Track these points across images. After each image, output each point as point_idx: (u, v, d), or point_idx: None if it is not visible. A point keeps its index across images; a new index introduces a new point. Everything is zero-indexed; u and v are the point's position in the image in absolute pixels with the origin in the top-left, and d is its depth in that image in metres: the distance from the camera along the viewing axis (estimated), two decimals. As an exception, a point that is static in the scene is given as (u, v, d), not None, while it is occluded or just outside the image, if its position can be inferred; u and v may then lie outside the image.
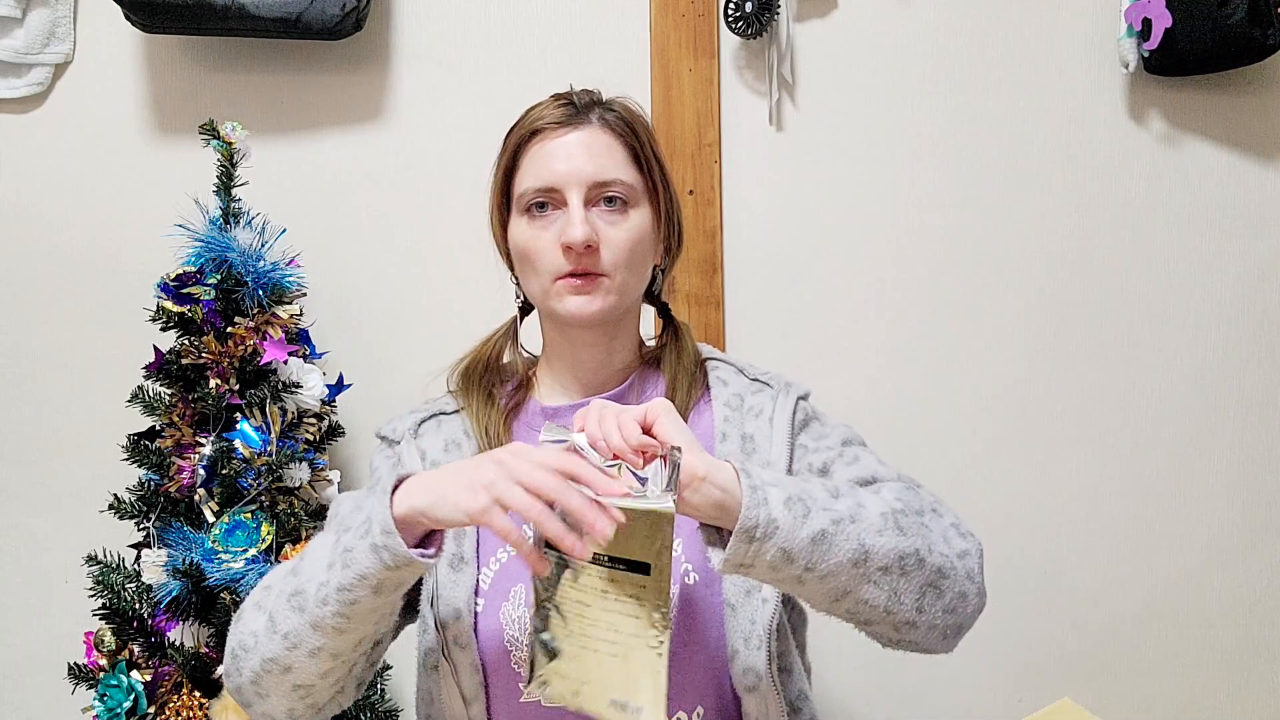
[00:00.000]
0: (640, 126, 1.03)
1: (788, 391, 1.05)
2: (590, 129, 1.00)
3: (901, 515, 0.88)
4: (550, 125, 1.00)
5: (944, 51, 1.64)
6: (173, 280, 1.42)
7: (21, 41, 1.60)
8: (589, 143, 1.00)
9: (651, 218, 1.03)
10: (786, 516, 0.82)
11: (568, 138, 1.00)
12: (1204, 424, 1.69)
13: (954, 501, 1.65)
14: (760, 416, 1.03)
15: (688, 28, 1.62)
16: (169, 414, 1.41)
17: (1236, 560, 1.69)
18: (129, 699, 1.36)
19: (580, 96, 1.03)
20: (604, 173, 0.99)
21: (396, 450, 1.06)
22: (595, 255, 0.98)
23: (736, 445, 1.01)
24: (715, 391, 1.06)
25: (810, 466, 1.01)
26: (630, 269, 1.00)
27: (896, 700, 1.68)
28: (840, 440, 1.04)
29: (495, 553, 1.00)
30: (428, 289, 1.64)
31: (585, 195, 0.98)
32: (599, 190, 0.99)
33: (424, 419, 1.08)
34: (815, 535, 0.82)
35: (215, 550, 1.36)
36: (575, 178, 0.98)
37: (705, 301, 1.63)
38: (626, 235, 0.99)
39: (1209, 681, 1.70)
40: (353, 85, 1.64)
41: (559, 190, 0.98)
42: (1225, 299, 1.68)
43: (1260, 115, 1.66)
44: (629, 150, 1.02)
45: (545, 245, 0.99)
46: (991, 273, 1.66)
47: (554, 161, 0.99)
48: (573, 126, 1.00)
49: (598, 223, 0.98)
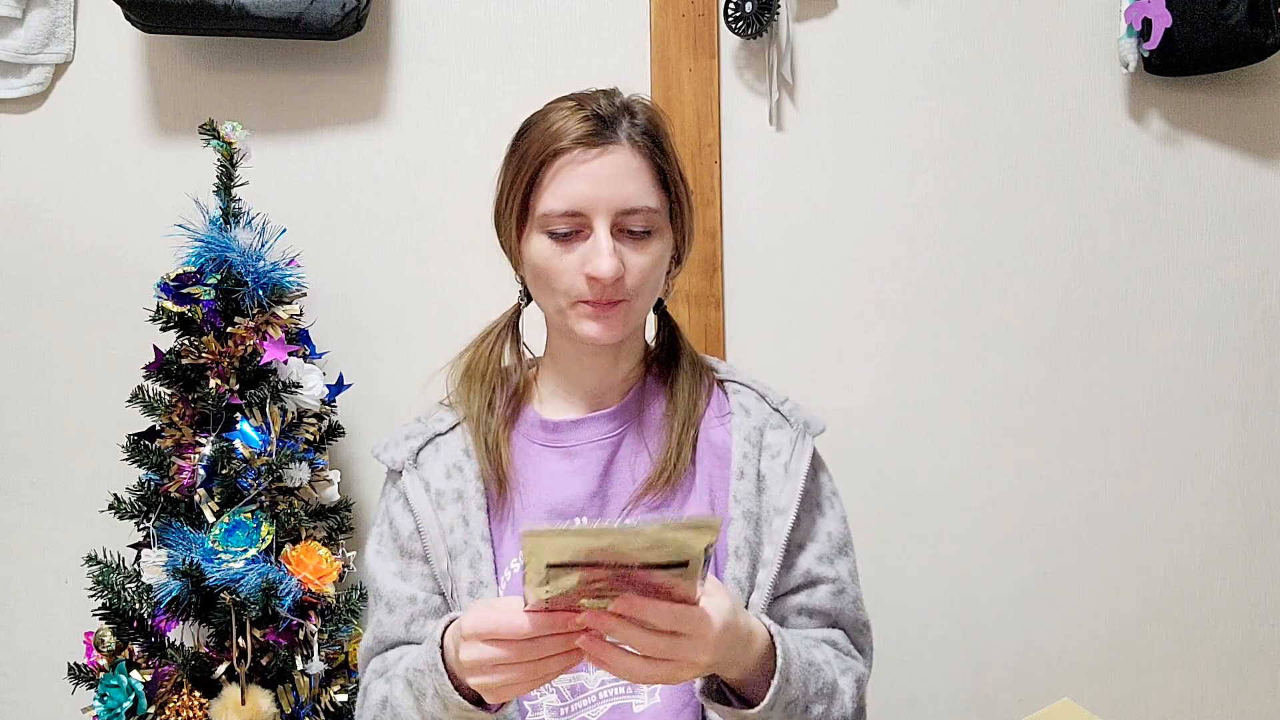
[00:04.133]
0: (665, 139, 1.00)
1: (805, 435, 1.04)
2: (619, 151, 0.96)
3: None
4: (577, 144, 0.95)
5: (944, 51, 1.64)
6: (173, 280, 1.42)
7: (21, 41, 1.60)
8: (618, 166, 0.95)
9: (671, 236, 1.02)
10: (779, 715, 0.88)
11: (596, 162, 0.95)
12: (1204, 424, 1.69)
13: (954, 501, 1.67)
14: (776, 459, 1.02)
15: (688, 28, 1.62)
16: (169, 414, 1.41)
17: (1236, 560, 1.69)
18: (129, 699, 1.36)
19: (606, 108, 0.97)
20: (632, 201, 0.96)
21: (401, 486, 1.05)
22: (620, 284, 0.96)
23: (752, 485, 1.01)
24: (737, 421, 1.04)
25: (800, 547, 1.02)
26: (649, 292, 1.00)
27: (896, 700, 1.68)
28: (838, 545, 1.05)
29: (503, 571, 1.01)
30: (428, 289, 1.64)
31: (612, 222, 0.95)
32: (625, 218, 0.96)
33: (421, 446, 1.06)
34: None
35: (215, 550, 1.36)
36: (604, 205, 0.95)
37: (705, 301, 1.63)
38: (650, 261, 0.97)
39: (1209, 681, 1.70)
40: (353, 85, 1.64)
41: (585, 216, 0.95)
42: (1225, 299, 1.68)
43: (1260, 115, 1.66)
44: (656, 172, 0.98)
45: (567, 268, 0.96)
46: (991, 273, 1.66)
47: (581, 185, 0.95)
48: (601, 147, 0.95)
49: (623, 250, 0.96)
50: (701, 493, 1.01)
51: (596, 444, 1.03)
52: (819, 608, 1.02)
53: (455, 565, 1.00)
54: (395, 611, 1.02)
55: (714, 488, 1.02)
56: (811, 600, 1.02)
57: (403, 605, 1.02)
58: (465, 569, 1.00)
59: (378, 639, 1.04)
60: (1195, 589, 1.70)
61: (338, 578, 1.42)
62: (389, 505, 1.07)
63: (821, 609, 1.02)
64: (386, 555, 1.06)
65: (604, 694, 0.99)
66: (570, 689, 0.98)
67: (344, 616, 1.44)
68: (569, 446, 1.03)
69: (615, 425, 1.04)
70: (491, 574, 1.00)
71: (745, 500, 1.00)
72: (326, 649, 1.41)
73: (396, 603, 1.02)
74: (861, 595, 1.06)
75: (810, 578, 1.02)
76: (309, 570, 1.39)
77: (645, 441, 1.03)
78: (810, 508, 1.03)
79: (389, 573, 1.04)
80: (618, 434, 1.03)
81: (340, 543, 1.49)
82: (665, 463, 1.00)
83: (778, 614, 1.01)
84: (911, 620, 1.66)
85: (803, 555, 1.02)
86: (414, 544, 1.03)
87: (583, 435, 1.03)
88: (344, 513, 1.51)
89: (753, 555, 0.99)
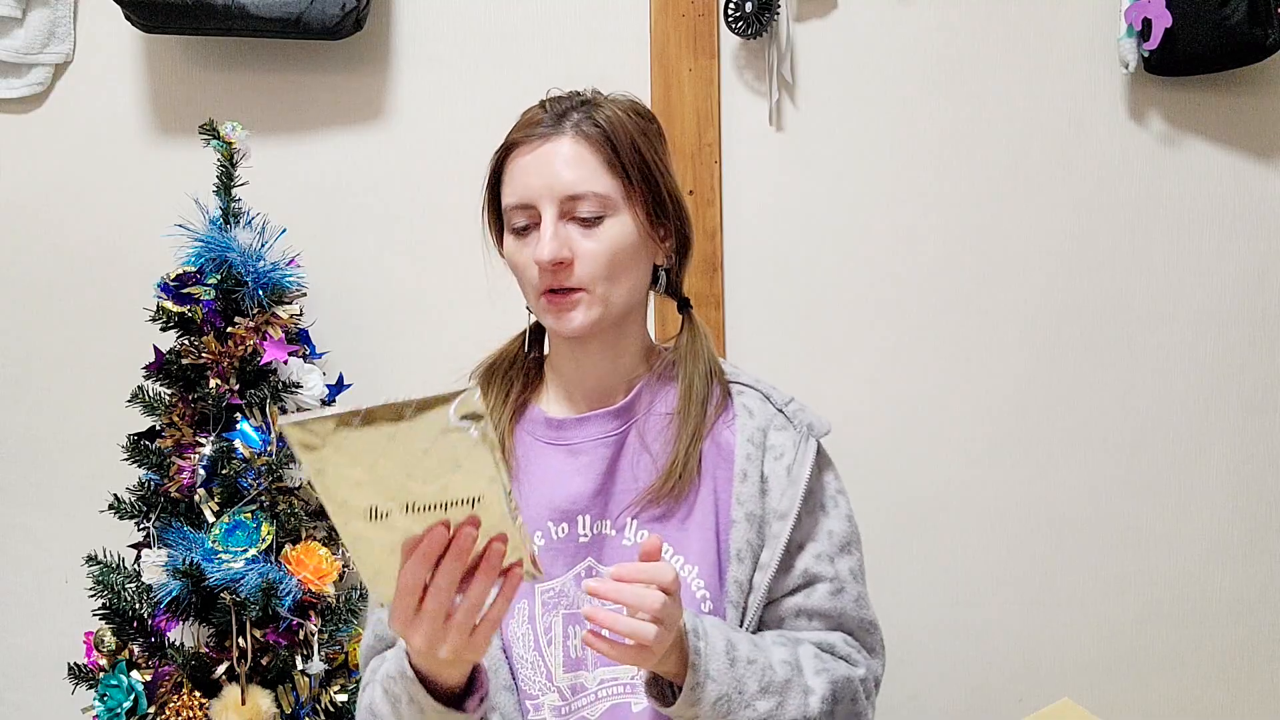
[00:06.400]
0: (620, 128, 0.99)
1: (809, 437, 1.03)
2: (561, 140, 0.97)
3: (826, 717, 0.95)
4: (526, 138, 0.98)
5: (944, 51, 1.64)
6: (173, 280, 1.42)
7: (21, 41, 1.60)
8: (560, 154, 0.97)
9: (636, 221, 0.99)
10: (708, 712, 0.89)
11: (540, 150, 0.97)
12: (1204, 424, 1.68)
13: (954, 501, 1.67)
14: (780, 460, 1.02)
15: (688, 28, 1.62)
16: (169, 414, 1.42)
17: (1236, 560, 1.69)
18: (129, 699, 1.36)
19: (555, 105, 1.00)
20: (576, 185, 0.96)
21: None
22: (569, 270, 0.96)
23: (755, 487, 1.00)
24: (741, 422, 1.03)
25: (799, 548, 1.01)
26: (611, 280, 0.98)
27: (896, 700, 1.68)
28: (840, 544, 1.04)
29: None
30: (428, 289, 1.64)
31: (559, 210, 0.96)
32: (571, 204, 0.97)
33: None
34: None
35: (215, 550, 1.36)
36: (547, 192, 0.96)
37: (705, 301, 1.63)
38: (602, 247, 0.97)
39: (1209, 681, 1.70)
40: (353, 85, 1.64)
41: (534, 206, 0.97)
42: (1225, 299, 1.68)
43: (1260, 115, 1.66)
44: (603, 157, 0.97)
45: (527, 261, 0.98)
46: (991, 272, 1.66)
47: (528, 176, 0.97)
48: (545, 138, 0.98)
49: (573, 236, 0.97)
50: (706, 497, 1.01)
51: (599, 442, 1.02)
52: (818, 608, 1.01)
53: None
54: None
55: (719, 490, 1.01)
56: (809, 601, 1.01)
57: None
58: None
59: (378, 637, 1.04)
60: (1195, 589, 1.69)
61: (338, 578, 1.42)
62: None
63: (820, 610, 1.01)
64: None
65: (602, 693, 0.99)
66: (570, 689, 0.98)
67: (344, 616, 1.44)
68: (572, 444, 1.03)
69: (619, 423, 1.03)
70: None
71: (748, 502, 0.99)
72: (326, 649, 1.41)
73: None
74: (866, 594, 1.05)
75: (808, 577, 1.01)
76: (309, 570, 1.39)
77: (647, 441, 1.03)
78: (813, 508, 1.03)
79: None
80: (621, 432, 1.03)
81: (340, 543, 1.49)
82: (670, 473, 1.00)
83: (776, 616, 1.01)
84: (912, 620, 1.66)
85: (801, 555, 1.01)
86: None
87: (585, 433, 1.03)
88: (344, 513, 1.51)
89: (754, 558, 0.99)
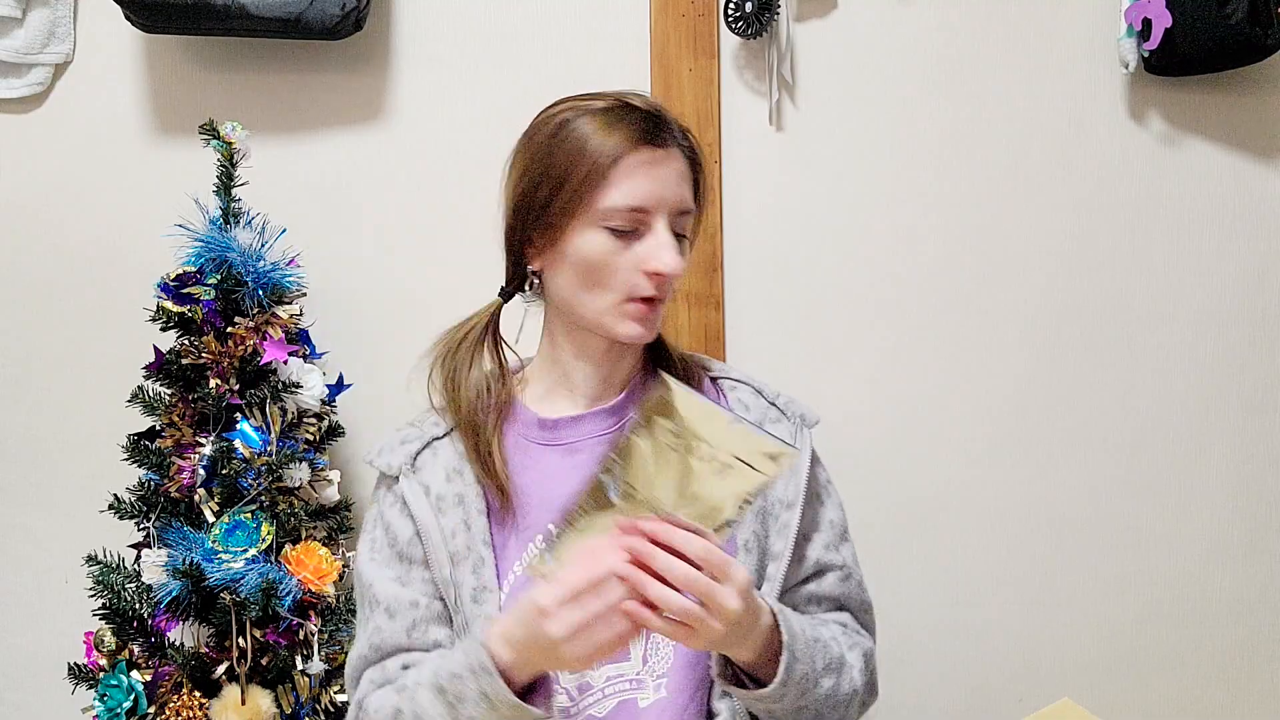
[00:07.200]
0: (702, 156, 1.05)
1: (802, 427, 1.08)
2: (675, 153, 1.00)
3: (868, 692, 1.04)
4: (644, 144, 0.97)
5: (944, 51, 1.64)
6: (173, 280, 1.42)
7: (21, 41, 1.60)
8: (677, 168, 1.00)
9: None
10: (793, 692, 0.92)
11: (661, 159, 0.98)
12: (1204, 424, 1.68)
13: (954, 501, 1.67)
14: None
15: (688, 28, 1.62)
16: (169, 414, 1.42)
17: (1236, 560, 1.69)
18: (129, 699, 1.36)
19: (655, 118, 1.00)
20: (686, 203, 1.01)
21: (398, 491, 1.04)
22: (669, 283, 0.99)
23: None
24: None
25: (806, 538, 1.05)
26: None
27: (896, 700, 1.67)
28: (840, 531, 1.09)
29: (506, 576, 1.01)
30: (428, 289, 1.64)
31: (670, 222, 0.98)
32: (678, 220, 1.00)
33: (419, 450, 1.05)
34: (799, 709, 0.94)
35: (215, 550, 1.36)
36: (665, 205, 0.98)
37: (705, 301, 1.63)
38: (685, 264, 1.02)
39: (1209, 681, 1.70)
40: (353, 85, 1.64)
41: (649, 212, 0.97)
42: (1225, 299, 1.68)
43: (1260, 115, 1.66)
44: (692, 179, 1.03)
45: (624, 265, 0.97)
46: (991, 273, 1.66)
47: (652, 183, 0.97)
48: (665, 149, 0.99)
49: None
50: None
51: (598, 439, 1.03)
52: (828, 594, 1.06)
53: (457, 571, 1.00)
54: (397, 617, 1.00)
55: None
56: (821, 588, 1.06)
57: (404, 611, 1.00)
58: (468, 575, 0.99)
59: (374, 647, 1.01)
60: (1195, 589, 1.69)
61: (338, 578, 1.42)
62: (383, 511, 1.06)
63: (830, 595, 1.06)
64: (382, 561, 1.04)
65: (610, 690, 0.99)
66: (578, 687, 0.99)
67: (344, 616, 1.44)
68: (569, 443, 1.03)
69: (616, 420, 1.04)
70: (494, 579, 0.99)
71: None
72: (326, 649, 1.41)
73: (398, 608, 1.01)
74: (863, 577, 1.11)
75: (820, 566, 1.06)
76: (309, 570, 1.39)
77: None
78: (811, 498, 1.06)
79: (387, 579, 1.03)
80: (618, 428, 1.03)
81: (340, 543, 1.49)
82: None
83: (789, 603, 1.03)
84: (911, 620, 1.66)
85: (810, 545, 1.05)
86: (414, 549, 1.02)
87: (583, 431, 1.03)
88: (344, 513, 1.51)
89: (760, 549, 1.02)
